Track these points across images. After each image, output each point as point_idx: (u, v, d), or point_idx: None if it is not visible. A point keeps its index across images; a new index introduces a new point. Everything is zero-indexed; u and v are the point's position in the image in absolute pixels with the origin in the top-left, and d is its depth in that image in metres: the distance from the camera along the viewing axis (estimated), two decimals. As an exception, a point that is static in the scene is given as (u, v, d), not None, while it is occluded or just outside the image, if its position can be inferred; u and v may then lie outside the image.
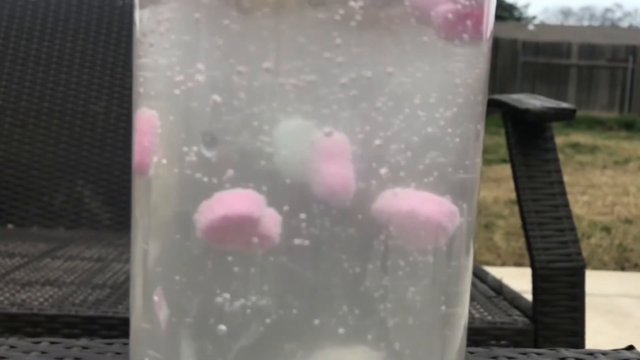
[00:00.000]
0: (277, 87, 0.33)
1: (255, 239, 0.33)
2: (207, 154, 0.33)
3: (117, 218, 1.50)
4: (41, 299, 0.96)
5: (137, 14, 0.36)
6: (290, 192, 0.33)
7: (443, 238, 0.35)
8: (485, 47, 0.36)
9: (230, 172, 0.33)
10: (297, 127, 0.33)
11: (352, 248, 0.33)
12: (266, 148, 0.33)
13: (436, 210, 0.35)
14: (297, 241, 0.33)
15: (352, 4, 0.32)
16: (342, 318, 0.33)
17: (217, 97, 0.33)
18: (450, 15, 0.34)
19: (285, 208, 0.33)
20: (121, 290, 1.02)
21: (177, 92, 0.34)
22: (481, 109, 0.37)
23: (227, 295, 0.33)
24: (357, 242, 0.33)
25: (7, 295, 0.97)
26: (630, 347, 0.50)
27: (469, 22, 0.35)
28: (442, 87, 0.34)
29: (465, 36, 0.35)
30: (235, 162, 0.33)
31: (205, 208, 0.33)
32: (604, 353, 0.49)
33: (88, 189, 1.51)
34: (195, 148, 0.34)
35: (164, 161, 0.35)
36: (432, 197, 0.35)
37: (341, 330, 0.34)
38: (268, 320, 0.33)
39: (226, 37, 0.33)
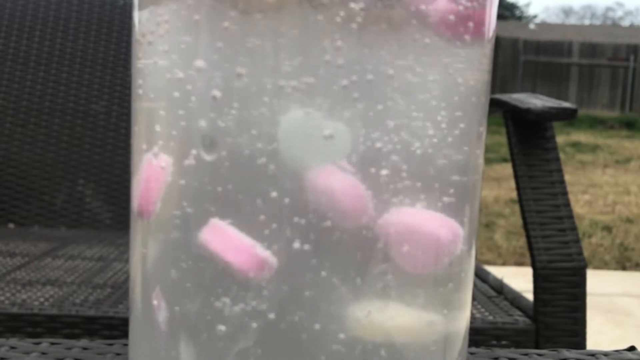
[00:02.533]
0: (277, 89, 0.32)
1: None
2: (207, 157, 0.33)
3: (118, 217, 1.50)
4: (42, 299, 0.96)
5: (136, 15, 0.36)
6: (292, 197, 0.33)
7: (447, 252, 0.35)
8: (488, 48, 0.36)
9: (229, 177, 0.33)
10: (297, 129, 0.33)
11: (353, 253, 0.33)
12: (266, 151, 0.33)
13: (437, 225, 0.35)
14: (296, 244, 0.33)
15: (352, 5, 0.32)
16: (343, 320, 0.33)
17: (216, 99, 0.33)
18: (451, 17, 0.34)
19: (286, 214, 0.33)
20: (122, 289, 1.02)
21: (176, 93, 0.34)
22: (484, 110, 0.37)
23: (226, 300, 0.33)
24: (357, 247, 0.33)
25: (8, 295, 0.97)
26: (632, 348, 0.50)
27: (470, 24, 0.34)
28: (444, 89, 0.34)
29: (467, 37, 0.35)
30: (234, 166, 0.33)
31: (218, 231, 0.33)
32: (606, 354, 0.49)
33: (89, 189, 1.51)
34: (194, 151, 0.33)
35: (163, 164, 0.35)
36: (436, 215, 0.34)
37: (342, 336, 0.33)
38: (267, 325, 0.33)
39: (226, 39, 0.33)
